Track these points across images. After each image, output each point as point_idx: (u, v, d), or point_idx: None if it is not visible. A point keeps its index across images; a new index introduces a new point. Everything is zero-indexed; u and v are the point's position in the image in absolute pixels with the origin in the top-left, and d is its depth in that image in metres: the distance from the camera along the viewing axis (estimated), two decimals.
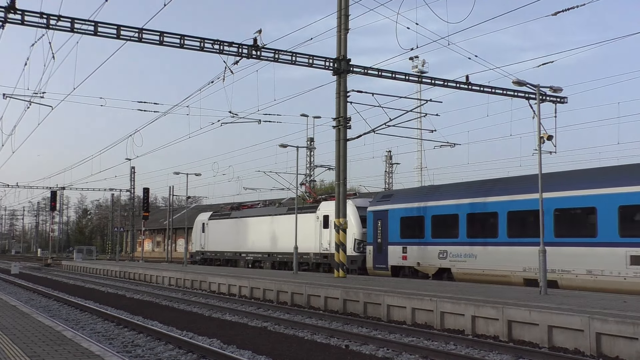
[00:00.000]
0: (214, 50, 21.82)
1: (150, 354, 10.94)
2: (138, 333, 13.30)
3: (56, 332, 9.47)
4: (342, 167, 23.77)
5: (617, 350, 10.48)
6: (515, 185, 21.47)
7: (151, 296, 23.17)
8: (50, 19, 19.70)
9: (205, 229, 42.88)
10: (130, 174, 74.82)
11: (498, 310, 12.64)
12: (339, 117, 23.72)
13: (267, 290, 21.17)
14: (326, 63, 23.53)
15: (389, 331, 13.56)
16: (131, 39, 20.81)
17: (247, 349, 11.17)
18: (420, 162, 70.37)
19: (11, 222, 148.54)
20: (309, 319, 15.94)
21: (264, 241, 35.94)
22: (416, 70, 66.27)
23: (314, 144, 56.58)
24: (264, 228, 36.13)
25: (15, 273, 40.73)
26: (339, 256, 23.47)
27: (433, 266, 24.11)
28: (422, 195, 25.77)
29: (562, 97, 25.23)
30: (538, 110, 17.24)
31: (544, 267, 15.88)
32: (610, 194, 18.02)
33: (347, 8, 23.78)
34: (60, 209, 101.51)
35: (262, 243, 36.07)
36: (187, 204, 44.90)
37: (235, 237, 38.95)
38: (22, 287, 28.51)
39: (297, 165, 28.83)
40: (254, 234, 37.23)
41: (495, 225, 21.49)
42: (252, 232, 37.47)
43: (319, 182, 67.06)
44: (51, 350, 7.72)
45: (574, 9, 18.94)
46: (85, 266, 45.89)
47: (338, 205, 23.69)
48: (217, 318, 16.40)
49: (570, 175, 20.36)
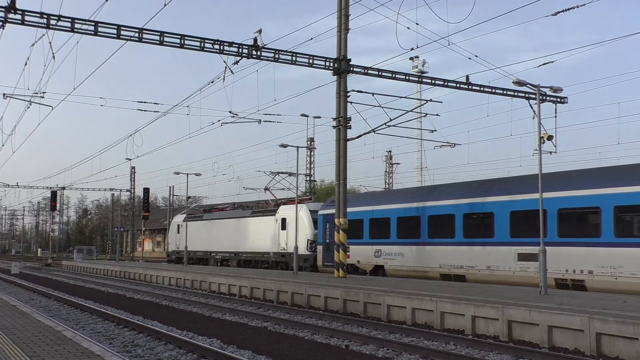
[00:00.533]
0: (214, 50, 21.82)
1: (150, 353, 10.94)
2: (138, 333, 13.30)
3: (56, 332, 9.47)
4: (342, 167, 23.78)
5: (617, 350, 10.49)
6: (433, 193, 25.36)
7: (151, 296, 23.18)
8: (51, 19, 19.70)
9: (180, 229, 44.91)
10: (131, 174, 74.83)
11: (498, 310, 12.64)
12: (339, 117, 23.72)
13: (267, 290, 21.18)
14: (326, 63, 23.53)
15: (389, 331, 13.56)
16: (131, 39, 20.82)
17: (247, 349, 11.17)
18: (421, 162, 70.42)
19: (11, 222, 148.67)
20: (309, 319, 15.94)
21: (230, 241, 38.69)
22: (416, 70, 66.27)
23: (314, 144, 56.66)
24: (231, 229, 38.91)
25: (16, 273, 40.75)
26: (339, 256, 23.47)
27: (370, 263, 27.23)
28: (363, 200, 29.30)
29: (562, 97, 25.22)
30: (538, 110, 17.24)
31: (544, 268, 15.88)
32: (503, 201, 21.46)
33: (347, 8, 23.78)
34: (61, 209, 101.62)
35: (229, 243, 38.86)
36: (187, 204, 44.88)
37: (206, 237, 41.62)
38: (22, 287, 28.52)
39: (297, 165, 28.86)
40: (222, 235, 39.86)
41: (418, 228, 24.71)
42: (220, 233, 40.14)
43: (319, 182, 67.08)
44: (51, 350, 7.72)
45: (574, 9, 18.95)
46: (85, 266, 45.91)
47: (338, 205, 23.69)
48: (217, 318, 16.41)
49: (475, 185, 24.13)
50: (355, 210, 27.56)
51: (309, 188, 57.66)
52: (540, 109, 17.28)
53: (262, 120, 28.79)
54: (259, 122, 28.85)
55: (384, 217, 26.76)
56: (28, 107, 27.11)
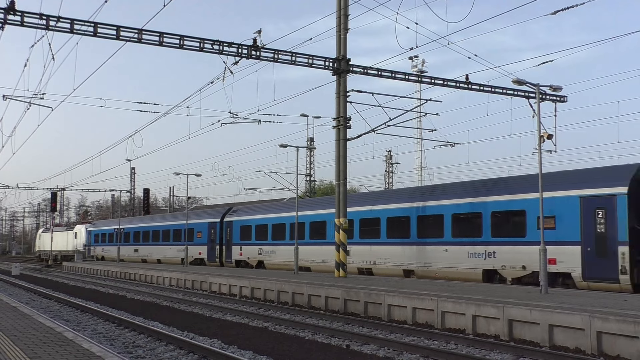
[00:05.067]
0: (213, 50, 21.81)
1: (151, 354, 10.94)
2: (139, 334, 13.31)
3: (57, 333, 9.47)
4: (342, 167, 23.77)
5: (618, 349, 10.49)
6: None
7: (152, 297, 23.18)
8: (50, 20, 19.70)
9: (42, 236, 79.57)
10: (131, 175, 74.93)
11: (499, 309, 12.64)
12: (339, 117, 23.72)
13: (268, 291, 21.17)
14: (326, 63, 23.52)
15: (389, 331, 13.56)
16: (131, 40, 20.81)
17: (248, 349, 11.18)
18: (420, 162, 70.31)
19: (12, 224, 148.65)
20: (309, 319, 15.94)
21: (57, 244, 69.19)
22: (416, 70, 66.15)
23: (314, 144, 56.64)
24: (58, 237, 69.25)
25: (16, 274, 40.75)
26: (339, 256, 23.47)
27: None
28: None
29: (561, 96, 25.21)
30: (538, 109, 17.23)
31: (545, 267, 15.92)
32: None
33: (346, 8, 23.77)
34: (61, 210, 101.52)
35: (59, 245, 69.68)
36: (187, 205, 44.86)
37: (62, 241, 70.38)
38: (22, 288, 28.52)
39: (297, 165, 28.85)
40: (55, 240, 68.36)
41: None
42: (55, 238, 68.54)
43: (319, 182, 67.03)
44: (52, 351, 7.73)
45: (573, 9, 18.95)
46: (85, 267, 45.90)
47: (339, 206, 23.69)
48: (217, 318, 16.41)
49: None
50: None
51: (309, 188, 57.66)
52: (540, 108, 17.27)
53: (261, 121, 28.77)
54: (259, 122, 28.83)
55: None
56: (28, 109, 27.10)
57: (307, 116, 40.34)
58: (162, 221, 48.43)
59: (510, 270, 20.86)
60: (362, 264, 26.99)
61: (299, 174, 29.75)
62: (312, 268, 29.94)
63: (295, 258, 27.10)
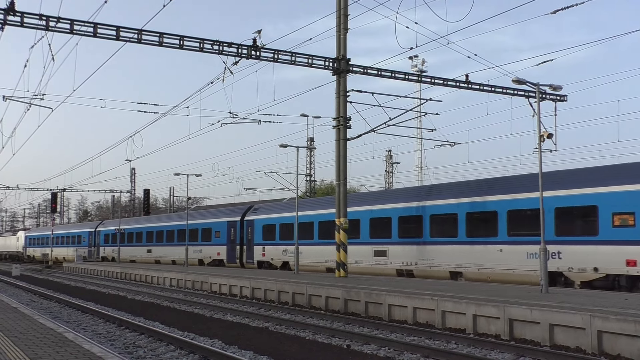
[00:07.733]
0: (213, 50, 21.82)
1: (152, 355, 10.94)
2: (139, 334, 13.30)
3: (58, 333, 9.47)
4: (342, 167, 23.77)
5: (619, 348, 10.48)
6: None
7: (152, 297, 23.18)
8: (50, 21, 19.70)
9: None
10: (131, 175, 74.94)
11: (499, 309, 12.64)
12: (339, 117, 23.72)
13: (269, 291, 21.17)
14: (326, 63, 23.52)
15: (390, 331, 13.56)
16: (130, 40, 20.81)
17: (248, 349, 11.18)
18: (421, 162, 70.35)
19: (12, 224, 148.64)
20: (310, 319, 15.94)
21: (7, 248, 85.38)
22: (416, 69, 66.18)
23: (314, 144, 56.65)
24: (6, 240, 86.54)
25: (17, 275, 40.74)
26: (339, 256, 23.46)
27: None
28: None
29: (561, 96, 25.22)
30: (538, 108, 17.23)
31: (545, 266, 15.91)
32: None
33: (346, 8, 23.77)
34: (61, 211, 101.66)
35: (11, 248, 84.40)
36: (187, 205, 44.85)
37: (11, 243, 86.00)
38: (23, 289, 28.51)
39: (298, 165, 28.85)
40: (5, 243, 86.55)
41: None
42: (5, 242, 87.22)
43: (319, 182, 67.03)
44: (52, 352, 7.73)
45: (572, 8, 18.95)
46: (86, 268, 45.89)
47: (339, 206, 23.69)
48: (218, 319, 16.41)
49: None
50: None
51: (309, 188, 57.66)
52: (540, 107, 17.28)
53: (261, 121, 28.76)
54: (259, 122, 28.82)
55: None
56: (28, 109, 27.13)
57: (307, 116, 40.35)
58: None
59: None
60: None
61: (299, 174, 29.76)
62: None
63: (295, 258, 27.13)
